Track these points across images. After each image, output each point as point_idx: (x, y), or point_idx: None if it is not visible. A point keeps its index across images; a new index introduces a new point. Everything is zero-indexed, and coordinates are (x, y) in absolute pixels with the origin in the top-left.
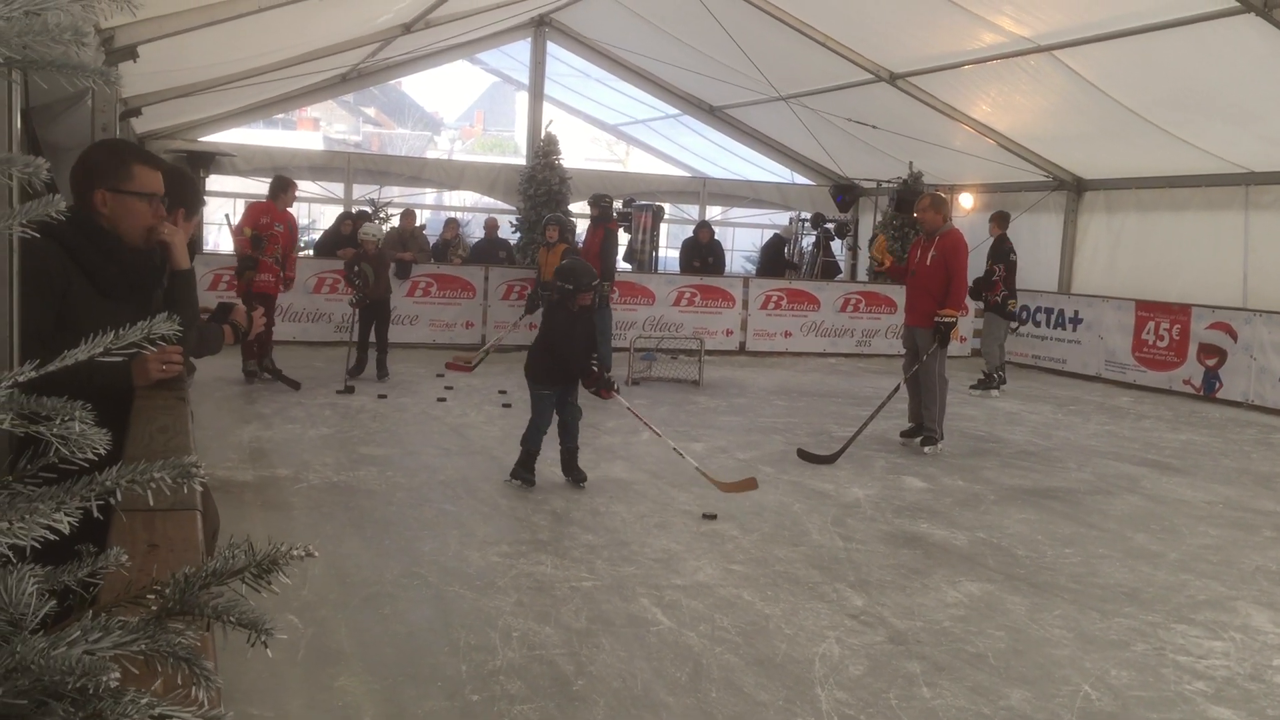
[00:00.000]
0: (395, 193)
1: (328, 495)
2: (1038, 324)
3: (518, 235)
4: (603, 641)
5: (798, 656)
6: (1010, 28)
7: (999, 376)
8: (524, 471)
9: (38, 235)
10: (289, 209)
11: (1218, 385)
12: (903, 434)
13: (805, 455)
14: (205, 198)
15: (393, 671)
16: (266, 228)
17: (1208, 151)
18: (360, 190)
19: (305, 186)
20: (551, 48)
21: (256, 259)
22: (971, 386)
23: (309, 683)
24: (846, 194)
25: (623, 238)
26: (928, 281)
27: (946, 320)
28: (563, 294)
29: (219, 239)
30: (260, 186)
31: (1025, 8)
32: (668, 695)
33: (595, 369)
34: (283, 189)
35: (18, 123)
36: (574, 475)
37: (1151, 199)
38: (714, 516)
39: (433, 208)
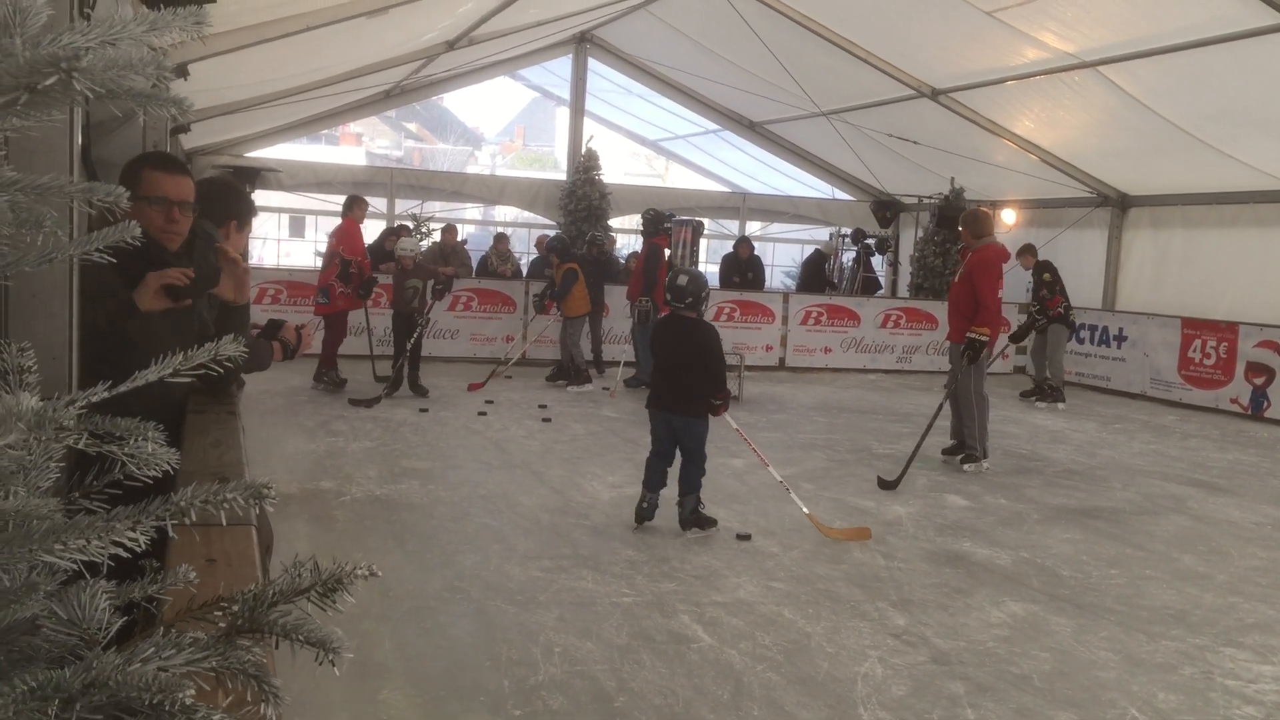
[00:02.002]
0: (437, 207)
1: (371, 508)
2: (1081, 341)
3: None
4: (644, 658)
5: (840, 676)
6: (1054, 44)
7: (1052, 389)
8: (708, 518)
9: (114, 260)
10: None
11: (1266, 404)
12: (944, 451)
13: (883, 483)
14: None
15: (436, 686)
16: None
17: (1256, 168)
18: (402, 205)
19: None
20: (592, 63)
21: (376, 279)
22: (1035, 399)
23: (353, 696)
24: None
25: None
26: (956, 298)
27: (978, 338)
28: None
29: (262, 254)
30: (304, 202)
31: (1069, 24)
32: (709, 713)
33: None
34: (358, 205)
35: (79, 140)
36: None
37: (1198, 215)
38: (748, 537)
39: (475, 222)
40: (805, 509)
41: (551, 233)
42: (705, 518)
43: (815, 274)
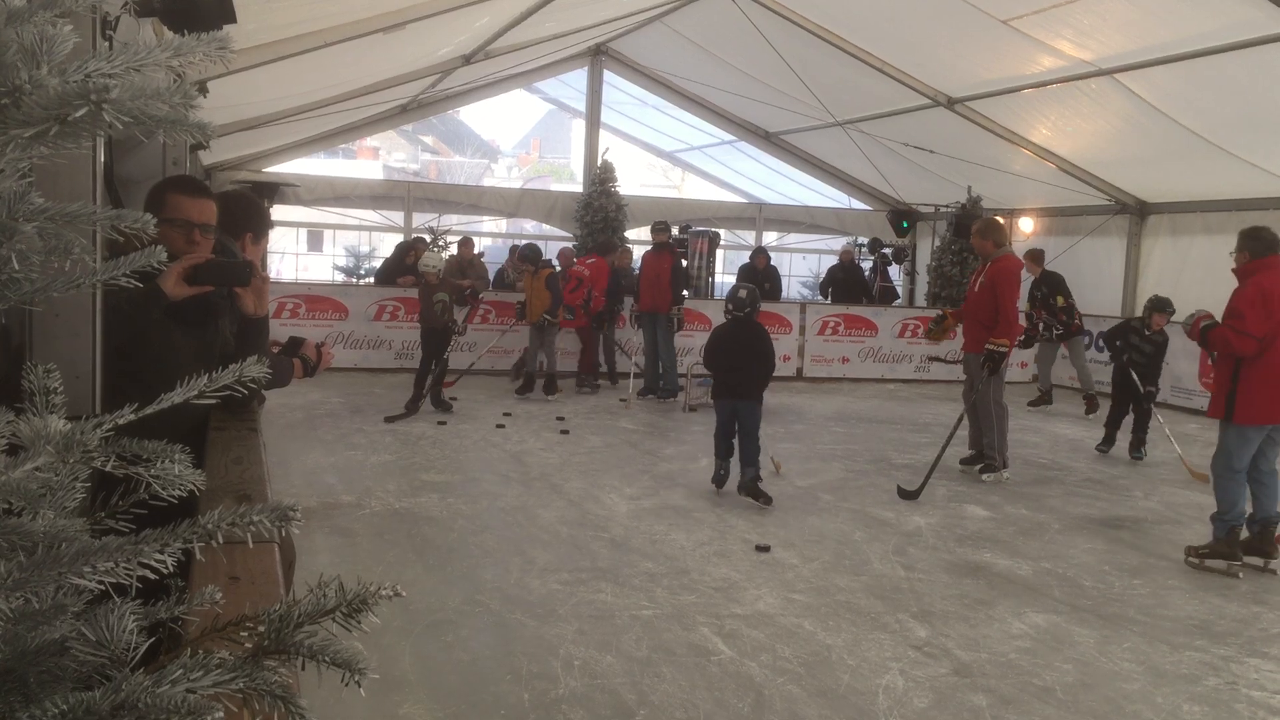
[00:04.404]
0: (454, 220)
1: (390, 522)
2: (1100, 349)
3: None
4: (664, 671)
5: (861, 688)
6: (1070, 51)
7: (1089, 398)
8: (765, 494)
9: (140, 285)
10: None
11: None
12: (962, 461)
13: (903, 493)
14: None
15: (456, 700)
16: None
17: (1276, 174)
18: (420, 219)
19: (365, 215)
20: (608, 75)
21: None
22: (1087, 413)
23: (374, 711)
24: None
25: None
26: (976, 308)
27: (997, 349)
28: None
29: (280, 268)
30: (322, 216)
31: (1085, 31)
32: None
33: None
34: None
35: (101, 157)
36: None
37: (1219, 222)
38: (768, 548)
39: (492, 235)
40: None
41: (569, 244)
42: (762, 492)
43: (849, 280)
